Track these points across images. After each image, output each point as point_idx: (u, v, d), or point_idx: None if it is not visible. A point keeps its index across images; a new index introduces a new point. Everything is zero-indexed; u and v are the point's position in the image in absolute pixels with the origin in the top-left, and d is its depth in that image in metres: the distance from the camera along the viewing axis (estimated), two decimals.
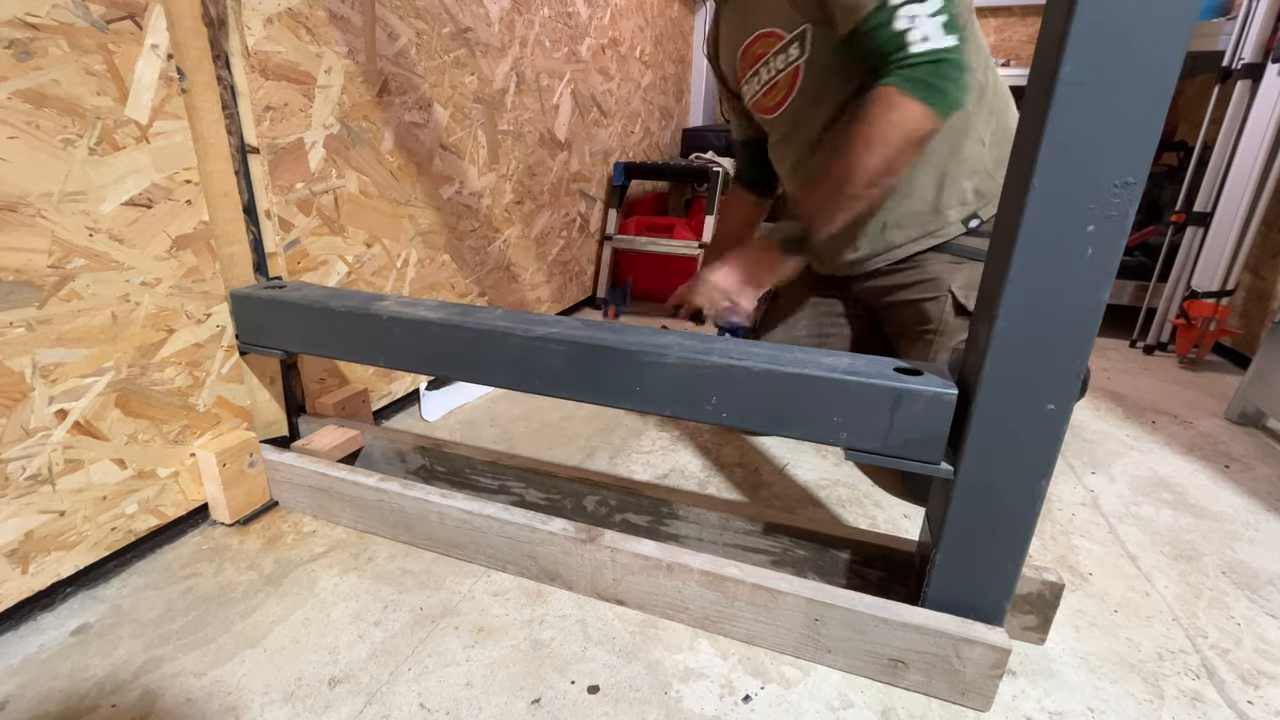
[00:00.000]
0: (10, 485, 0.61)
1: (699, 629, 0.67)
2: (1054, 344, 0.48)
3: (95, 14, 0.60)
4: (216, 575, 0.73)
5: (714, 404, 0.60)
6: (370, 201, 1.02)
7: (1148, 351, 1.73)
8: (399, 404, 1.19)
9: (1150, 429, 1.23)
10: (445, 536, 0.76)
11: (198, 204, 0.72)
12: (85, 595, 0.68)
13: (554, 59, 1.55)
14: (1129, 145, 0.42)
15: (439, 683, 0.59)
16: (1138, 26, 0.40)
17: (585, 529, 0.69)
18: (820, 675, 0.61)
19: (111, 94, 0.63)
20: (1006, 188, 0.51)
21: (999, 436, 0.51)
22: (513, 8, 1.34)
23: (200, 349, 0.75)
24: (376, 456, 0.94)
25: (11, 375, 0.59)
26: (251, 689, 0.58)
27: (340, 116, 0.94)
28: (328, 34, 0.89)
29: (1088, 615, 0.71)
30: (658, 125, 2.49)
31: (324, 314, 0.74)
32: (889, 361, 0.58)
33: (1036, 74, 0.46)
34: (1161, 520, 0.91)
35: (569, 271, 1.86)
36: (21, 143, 0.57)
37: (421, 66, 1.09)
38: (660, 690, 0.59)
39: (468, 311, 0.71)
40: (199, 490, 0.79)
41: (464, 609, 0.69)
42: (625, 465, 1.03)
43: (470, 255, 1.33)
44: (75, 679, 0.59)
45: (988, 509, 0.54)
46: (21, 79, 0.56)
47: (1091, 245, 0.44)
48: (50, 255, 0.60)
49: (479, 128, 1.29)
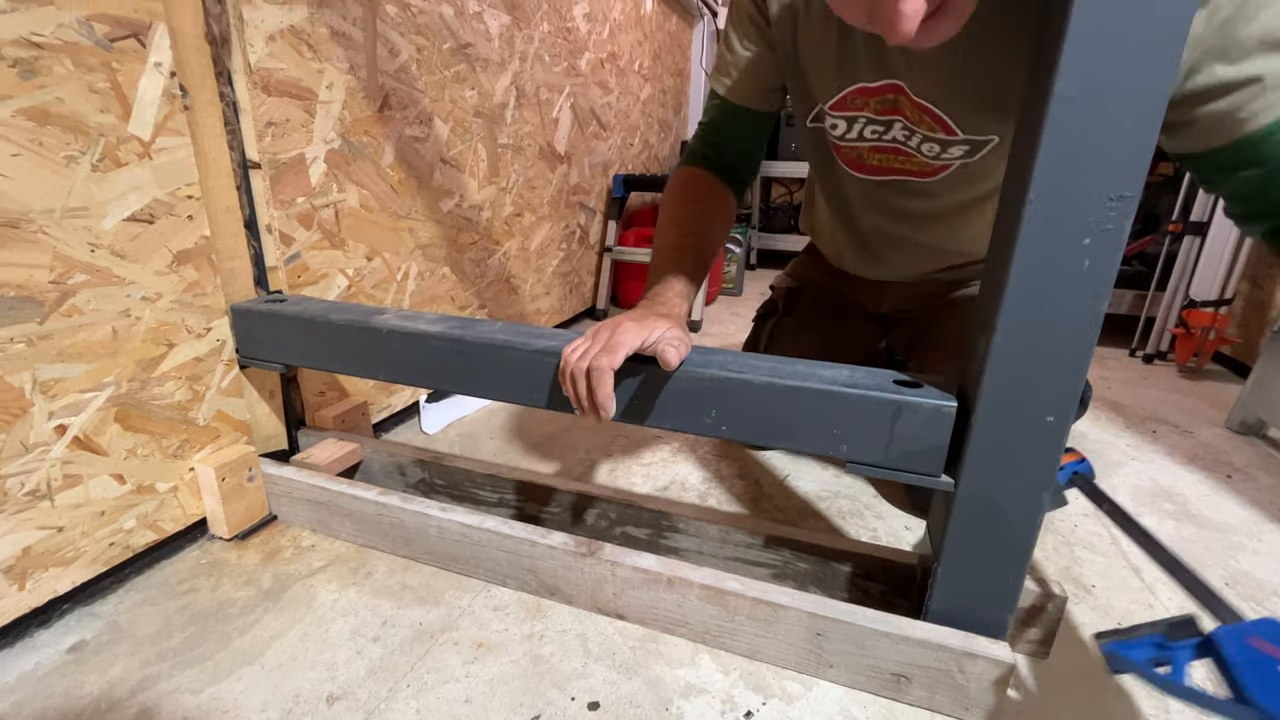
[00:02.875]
0: (9, 501, 0.60)
1: (700, 644, 0.66)
2: (1053, 356, 0.48)
3: (99, 33, 0.61)
4: (215, 591, 0.72)
5: (714, 417, 0.60)
6: (371, 215, 1.03)
7: (1147, 361, 1.74)
8: (399, 416, 1.19)
9: (1151, 439, 1.22)
10: (445, 550, 0.75)
11: (199, 219, 0.72)
12: (82, 612, 0.68)
13: (554, 73, 1.57)
14: (1124, 159, 0.42)
15: (438, 699, 0.59)
16: (1131, 41, 0.40)
17: (585, 543, 0.69)
18: (822, 690, 0.61)
19: (115, 111, 0.63)
20: (1003, 202, 0.51)
21: (999, 448, 0.51)
22: (512, 23, 1.35)
23: (200, 363, 0.75)
24: (376, 470, 0.94)
25: (11, 391, 0.59)
26: (249, 706, 0.58)
27: (341, 131, 0.94)
28: (329, 51, 0.90)
29: (1092, 628, 0.71)
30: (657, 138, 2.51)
31: (324, 328, 0.74)
32: (888, 374, 0.58)
33: (1031, 89, 0.47)
34: (1164, 531, 0.90)
35: (569, 283, 1.87)
36: (25, 160, 0.57)
37: (422, 81, 1.10)
38: (661, 706, 0.59)
39: (467, 325, 0.71)
40: (198, 505, 0.79)
41: (463, 624, 0.68)
42: (625, 478, 1.02)
43: (470, 268, 1.33)
44: (71, 697, 0.58)
45: (989, 521, 0.53)
46: (25, 97, 0.57)
47: (1088, 258, 0.45)
48: (52, 271, 0.60)
49: (479, 141, 1.30)
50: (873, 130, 0.75)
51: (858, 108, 0.74)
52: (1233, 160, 0.51)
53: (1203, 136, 0.52)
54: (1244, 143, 0.50)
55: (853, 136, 0.77)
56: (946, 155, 0.73)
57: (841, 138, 0.79)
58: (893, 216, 0.87)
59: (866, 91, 0.71)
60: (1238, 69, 0.47)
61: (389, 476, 0.93)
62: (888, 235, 0.91)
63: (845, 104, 0.74)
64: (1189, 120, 0.51)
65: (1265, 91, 0.47)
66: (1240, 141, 0.50)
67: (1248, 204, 0.54)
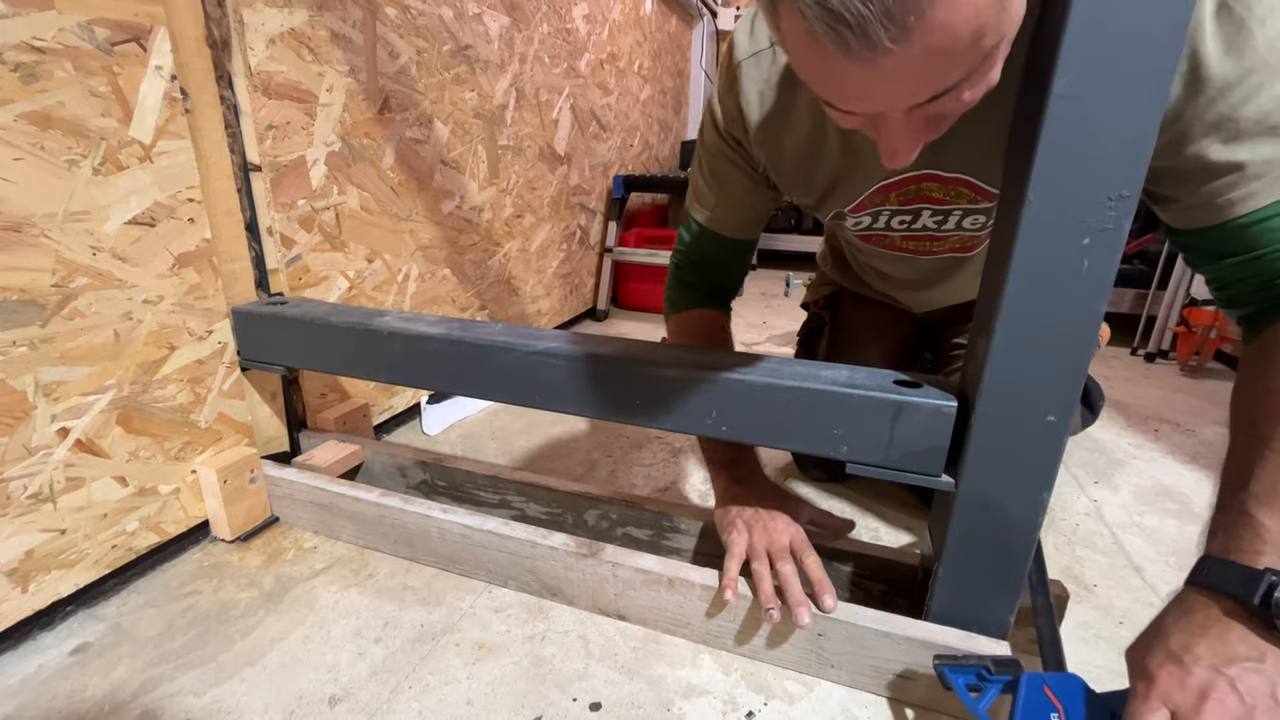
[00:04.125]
0: (11, 504, 0.61)
1: (701, 644, 0.66)
2: (1052, 356, 0.48)
3: (100, 37, 0.61)
4: (217, 593, 0.72)
5: (714, 417, 0.60)
6: (371, 217, 1.03)
7: (1149, 359, 1.73)
8: (400, 418, 1.19)
9: (1153, 438, 1.22)
10: (446, 552, 0.75)
11: (200, 222, 0.73)
12: (85, 614, 0.68)
13: (553, 74, 1.57)
14: (1123, 158, 0.42)
15: (440, 701, 0.59)
16: (1129, 40, 0.40)
17: (586, 543, 0.69)
18: (824, 690, 0.61)
19: (116, 115, 0.63)
20: (1002, 202, 0.51)
21: (999, 449, 0.51)
22: (512, 25, 1.36)
23: (202, 365, 0.76)
24: (377, 471, 0.94)
25: (14, 394, 0.59)
26: (251, 708, 0.58)
27: (342, 134, 0.95)
28: (329, 53, 0.91)
29: (1093, 627, 0.71)
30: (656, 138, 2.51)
31: (325, 330, 0.74)
32: (889, 374, 0.58)
33: (1029, 88, 0.47)
34: (1166, 530, 0.90)
35: (569, 284, 1.87)
36: (27, 164, 0.57)
37: (422, 84, 1.10)
38: (663, 707, 0.59)
39: (468, 326, 0.71)
40: (200, 507, 0.79)
41: (465, 625, 0.68)
42: (626, 478, 1.02)
43: (471, 269, 1.34)
44: (74, 699, 0.58)
45: (990, 521, 0.53)
46: (27, 101, 0.57)
47: (1087, 258, 0.45)
48: (54, 274, 0.61)
49: (479, 143, 1.30)
50: (900, 221, 0.71)
51: (879, 203, 0.69)
52: (1217, 243, 0.50)
53: (1190, 215, 0.50)
54: (1230, 226, 0.48)
55: (879, 227, 0.73)
56: (979, 221, 0.68)
57: (868, 229, 0.74)
58: (934, 276, 0.82)
59: (887, 188, 0.66)
60: (1230, 151, 0.46)
61: (390, 478, 0.93)
62: (927, 285, 0.86)
63: (865, 205, 0.69)
64: (1176, 197, 0.50)
65: (1248, 179, 0.46)
66: (1228, 225, 0.48)
67: (1228, 288, 0.53)
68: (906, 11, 0.33)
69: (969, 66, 0.37)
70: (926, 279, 0.84)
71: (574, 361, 0.63)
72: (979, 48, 0.36)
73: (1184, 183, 0.49)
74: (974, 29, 0.34)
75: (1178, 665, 0.42)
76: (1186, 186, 0.49)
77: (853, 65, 0.35)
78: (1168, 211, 0.52)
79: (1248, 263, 0.49)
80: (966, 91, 0.38)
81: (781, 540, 0.63)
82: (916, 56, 0.35)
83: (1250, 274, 0.49)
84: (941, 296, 0.88)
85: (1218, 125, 0.45)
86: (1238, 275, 0.50)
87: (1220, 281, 0.53)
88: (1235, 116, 0.45)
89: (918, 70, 0.36)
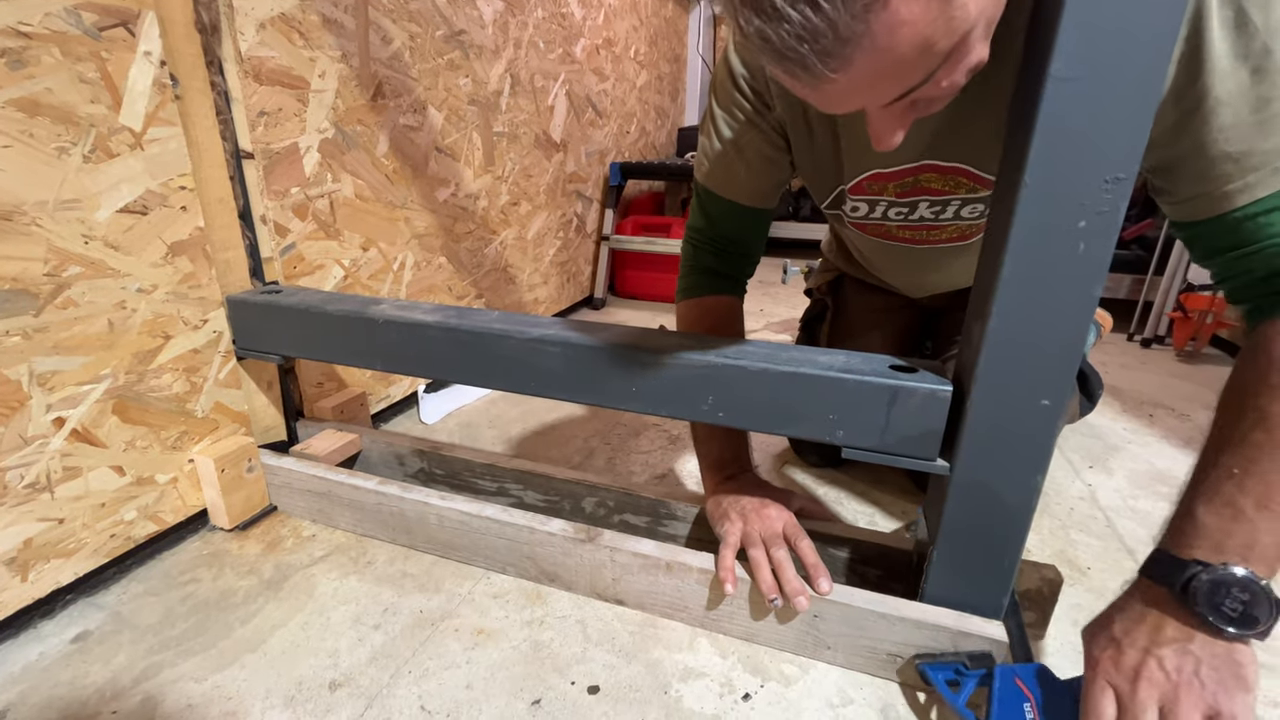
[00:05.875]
0: (9, 493, 0.61)
1: (698, 628, 0.67)
2: (1047, 340, 0.48)
3: (88, 22, 0.60)
4: (216, 580, 0.73)
5: (710, 403, 0.60)
6: (366, 205, 1.02)
7: (1145, 345, 1.74)
8: (397, 407, 1.19)
9: (1148, 422, 1.23)
10: (444, 539, 0.76)
11: (193, 210, 0.72)
12: (85, 602, 0.68)
13: (548, 60, 1.55)
14: (1120, 141, 0.42)
15: (439, 685, 0.60)
16: (1127, 21, 0.40)
17: (584, 529, 0.69)
18: (820, 672, 0.62)
19: (105, 101, 0.63)
20: (998, 185, 0.51)
21: (994, 432, 0.51)
22: (506, 10, 1.34)
23: (197, 355, 0.75)
24: (375, 460, 0.94)
25: (9, 384, 0.59)
26: (252, 694, 0.58)
27: (335, 121, 0.94)
28: (321, 38, 0.89)
29: (1086, 610, 0.71)
30: (653, 125, 2.49)
31: (321, 318, 0.74)
32: (884, 359, 0.58)
33: (1026, 70, 0.46)
34: (1160, 514, 0.91)
35: (566, 272, 1.86)
36: (15, 151, 0.57)
37: (415, 70, 1.09)
38: (660, 690, 0.59)
39: (464, 314, 0.71)
40: (198, 496, 0.79)
41: (464, 611, 0.69)
42: (624, 466, 1.03)
43: (467, 257, 1.33)
44: (76, 686, 0.59)
45: (984, 504, 0.54)
46: (14, 88, 0.56)
47: (1083, 241, 0.44)
48: (46, 263, 0.60)
49: (474, 130, 1.29)
50: (896, 212, 0.71)
51: (876, 192, 0.69)
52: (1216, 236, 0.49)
53: (1189, 207, 0.50)
54: (1228, 219, 0.47)
55: (876, 217, 0.73)
56: (978, 210, 0.69)
57: (865, 218, 0.74)
58: (932, 264, 0.82)
59: (882, 177, 0.67)
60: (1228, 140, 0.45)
61: (388, 466, 0.93)
62: (926, 271, 0.86)
63: (862, 188, 0.69)
64: (1173, 189, 0.50)
65: (1245, 171, 0.45)
66: (1225, 218, 0.47)
67: (1229, 282, 0.52)
68: (842, 44, 0.34)
69: (928, 69, 0.38)
70: (924, 267, 0.84)
71: (570, 348, 0.63)
72: (933, 53, 0.36)
73: (1181, 172, 0.48)
74: (918, 44, 0.35)
75: (1116, 648, 0.46)
76: (1184, 177, 0.48)
77: (810, 87, 0.38)
78: (1168, 204, 0.52)
79: (1246, 257, 0.48)
80: (944, 80, 0.39)
81: (775, 526, 0.63)
82: (866, 76, 0.36)
83: (1249, 268, 0.49)
84: (939, 281, 0.88)
85: (1216, 112, 0.45)
86: (1237, 269, 0.49)
87: (1222, 276, 0.52)
88: (1234, 104, 0.44)
89: (873, 84, 0.37)
